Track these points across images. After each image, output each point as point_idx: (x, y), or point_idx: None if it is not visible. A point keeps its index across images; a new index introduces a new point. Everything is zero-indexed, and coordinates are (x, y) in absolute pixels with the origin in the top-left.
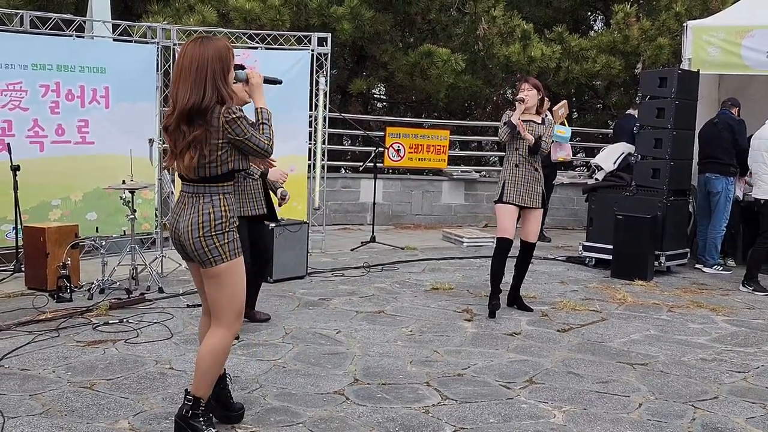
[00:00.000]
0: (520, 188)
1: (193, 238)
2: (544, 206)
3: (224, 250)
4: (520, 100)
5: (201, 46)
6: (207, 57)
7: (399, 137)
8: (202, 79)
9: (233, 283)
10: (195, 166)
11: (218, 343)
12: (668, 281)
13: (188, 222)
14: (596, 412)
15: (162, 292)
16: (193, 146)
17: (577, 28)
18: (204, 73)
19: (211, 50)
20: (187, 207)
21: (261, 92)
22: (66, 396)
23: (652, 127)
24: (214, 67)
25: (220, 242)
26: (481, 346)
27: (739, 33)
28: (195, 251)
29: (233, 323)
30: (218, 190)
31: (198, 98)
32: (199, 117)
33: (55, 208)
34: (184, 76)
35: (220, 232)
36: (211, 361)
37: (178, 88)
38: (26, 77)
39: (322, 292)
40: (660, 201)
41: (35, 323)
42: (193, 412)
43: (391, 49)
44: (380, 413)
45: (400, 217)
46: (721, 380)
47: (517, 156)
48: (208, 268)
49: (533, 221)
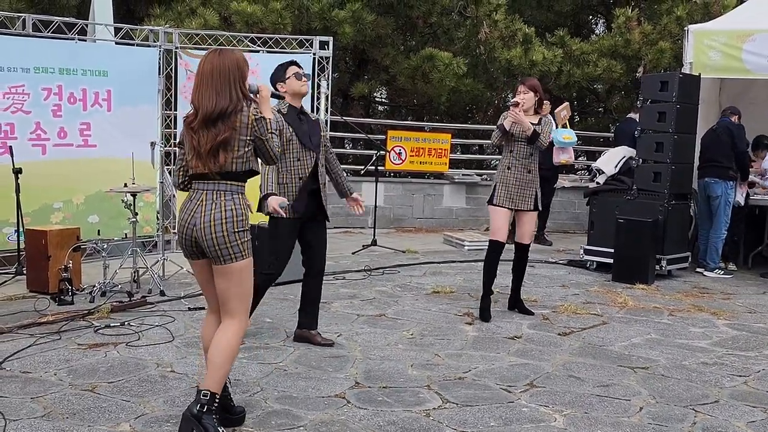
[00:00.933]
0: (512, 191)
1: (216, 234)
2: (538, 208)
3: (245, 248)
4: (514, 104)
5: (220, 56)
6: (227, 65)
7: (400, 141)
8: (226, 84)
9: (248, 279)
10: (226, 162)
11: (234, 337)
12: (669, 285)
13: (210, 218)
14: (597, 415)
15: (163, 295)
16: (223, 146)
17: (578, 32)
18: (227, 78)
19: (229, 60)
20: (205, 203)
21: (269, 104)
22: (67, 399)
23: (654, 130)
24: (235, 74)
25: (241, 239)
26: (482, 350)
27: (740, 37)
28: (217, 247)
29: (246, 318)
30: (238, 189)
31: (226, 102)
32: (226, 119)
33: (57, 211)
34: (206, 82)
35: (242, 230)
36: (228, 354)
37: (201, 93)
38: (28, 80)
39: (324, 295)
40: (661, 205)
41: (37, 326)
42: (209, 407)
43: (393, 52)
44: (381, 416)
45: (402, 220)
46: (722, 384)
47: (510, 158)
48: (228, 264)
49: (527, 223)
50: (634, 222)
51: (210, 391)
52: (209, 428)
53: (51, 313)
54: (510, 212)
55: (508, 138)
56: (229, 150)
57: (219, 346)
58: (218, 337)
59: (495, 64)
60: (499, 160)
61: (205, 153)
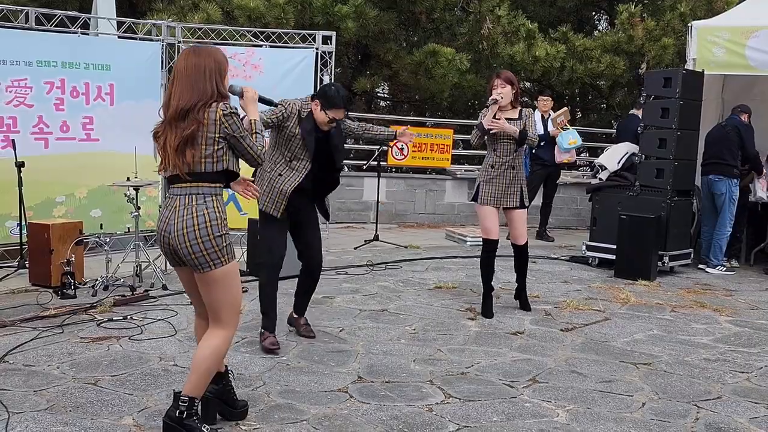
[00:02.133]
0: (495, 189)
1: (190, 242)
2: (524, 205)
3: (224, 253)
4: (493, 102)
5: (197, 54)
6: (203, 62)
7: None
8: (201, 79)
9: (233, 285)
10: (194, 161)
11: (221, 345)
12: (672, 281)
13: (183, 225)
14: (599, 411)
15: (166, 289)
16: (190, 142)
17: (581, 28)
18: (202, 74)
19: (208, 54)
20: (178, 209)
21: (255, 107)
22: (70, 392)
23: (656, 127)
24: (211, 69)
25: (218, 245)
26: (484, 345)
27: (744, 33)
28: (192, 255)
29: (233, 323)
30: (211, 191)
31: (199, 95)
32: (194, 113)
33: (59, 205)
34: (181, 78)
35: (218, 235)
36: (213, 362)
37: (174, 89)
38: (31, 74)
39: (326, 290)
40: (664, 201)
41: (39, 319)
42: (188, 412)
43: (395, 48)
44: (384, 411)
45: (404, 215)
46: (724, 380)
47: (494, 157)
48: (207, 272)
49: (518, 222)
50: (637, 218)
51: (189, 397)
52: (194, 429)
53: (54, 307)
54: (497, 209)
55: (491, 136)
56: (196, 147)
57: (204, 353)
58: (204, 344)
59: (498, 59)
60: (483, 158)
61: (173, 151)
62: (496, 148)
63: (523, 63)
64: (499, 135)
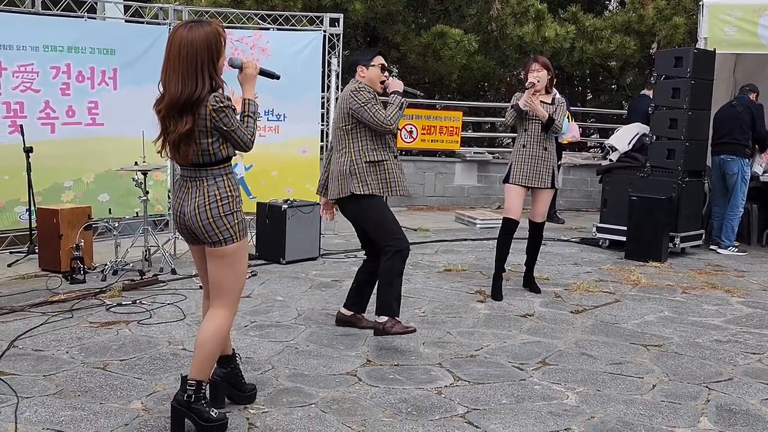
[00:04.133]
0: (527, 169)
1: (202, 220)
2: (555, 186)
3: (235, 231)
4: (530, 84)
5: (189, 32)
6: (196, 46)
7: (411, 119)
8: (193, 70)
9: (240, 263)
10: (192, 155)
11: (222, 325)
12: (683, 263)
13: (195, 205)
14: (609, 393)
15: (175, 273)
16: (186, 140)
17: (591, 8)
18: (194, 63)
19: (199, 37)
20: (190, 190)
21: (252, 83)
22: (79, 377)
23: (667, 107)
24: (203, 56)
25: (230, 222)
26: (493, 328)
27: (756, 11)
28: (205, 233)
29: (235, 304)
30: (220, 172)
31: (191, 90)
32: (191, 108)
33: (67, 190)
34: (173, 65)
35: (229, 213)
36: (215, 343)
37: (168, 76)
38: (38, 58)
39: (335, 273)
40: (675, 182)
41: (49, 304)
42: (196, 396)
43: (404, 29)
44: (393, 394)
45: (413, 198)
46: (735, 362)
47: (526, 136)
48: (218, 248)
49: (542, 201)
50: (648, 199)
51: (196, 380)
52: (202, 413)
53: (63, 292)
54: (525, 190)
55: (522, 117)
56: (191, 143)
57: (206, 334)
58: (206, 325)
59: (507, 41)
60: (515, 139)
61: (171, 146)
62: (527, 128)
63: (533, 44)
64: (531, 116)
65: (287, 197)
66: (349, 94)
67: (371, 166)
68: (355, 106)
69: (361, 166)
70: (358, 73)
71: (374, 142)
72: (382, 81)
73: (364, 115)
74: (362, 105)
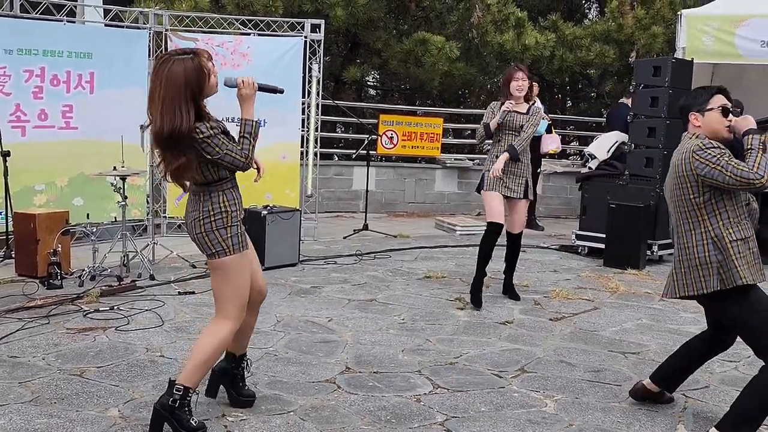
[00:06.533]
0: (504, 179)
1: (196, 233)
2: (528, 197)
3: (227, 245)
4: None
5: (170, 68)
6: (175, 82)
7: (392, 125)
8: (170, 104)
9: (236, 276)
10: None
11: (221, 336)
12: (660, 270)
13: (192, 218)
14: (588, 400)
15: (153, 279)
16: (179, 173)
17: (571, 17)
18: (172, 98)
19: (178, 74)
20: (191, 203)
21: (250, 103)
22: (56, 383)
23: (646, 116)
24: (182, 91)
25: (222, 236)
26: (473, 335)
27: (734, 22)
28: (200, 245)
29: (235, 316)
30: (217, 188)
31: (171, 123)
32: (176, 143)
33: (39, 193)
34: (154, 98)
35: (222, 227)
36: (211, 353)
37: (152, 109)
38: (10, 62)
39: (314, 280)
40: (653, 190)
41: (25, 310)
42: (181, 402)
43: (385, 36)
44: (372, 402)
45: (393, 205)
46: (712, 369)
47: (499, 147)
48: (212, 260)
49: (518, 212)
50: (626, 207)
51: (184, 386)
52: (182, 421)
53: (39, 297)
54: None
55: (497, 128)
56: (187, 172)
57: (203, 340)
58: (204, 332)
59: (487, 48)
60: (489, 150)
61: (169, 177)
62: (501, 139)
63: (513, 51)
64: (504, 127)
65: (267, 203)
66: (690, 155)
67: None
68: (704, 170)
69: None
70: (692, 123)
71: (735, 210)
72: (727, 126)
73: (718, 178)
74: (714, 165)
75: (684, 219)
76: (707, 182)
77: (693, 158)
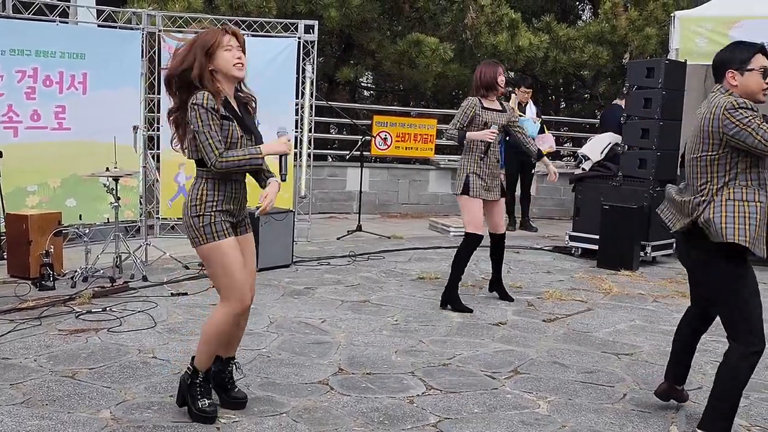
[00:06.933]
0: (486, 182)
1: (183, 218)
2: (505, 195)
3: (199, 233)
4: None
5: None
6: (196, 38)
7: (386, 126)
8: (192, 51)
9: (216, 265)
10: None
11: (220, 318)
12: (654, 271)
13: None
14: (581, 402)
15: (146, 280)
16: (177, 121)
17: (565, 18)
18: (192, 47)
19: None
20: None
21: (272, 151)
22: (48, 385)
23: (639, 117)
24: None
25: (194, 224)
26: (466, 336)
27: (727, 23)
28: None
29: (231, 299)
30: (202, 174)
31: (188, 65)
32: (180, 88)
33: (32, 194)
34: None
35: (195, 215)
36: (213, 334)
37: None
38: (3, 62)
39: (308, 281)
40: (646, 191)
41: (17, 311)
42: (192, 381)
43: (379, 37)
44: (364, 403)
45: (387, 206)
46: (705, 371)
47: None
48: (193, 247)
49: (498, 212)
50: (620, 208)
51: (193, 366)
52: (194, 399)
53: (32, 299)
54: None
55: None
56: (180, 127)
57: (207, 321)
58: (211, 314)
59: (481, 49)
60: (466, 148)
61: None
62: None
63: (507, 53)
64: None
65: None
66: (722, 112)
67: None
68: (733, 129)
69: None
70: (727, 80)
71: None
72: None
73: (747, 140)
74: (744, 127)
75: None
76: (732, 142)
77: (724, 116)
